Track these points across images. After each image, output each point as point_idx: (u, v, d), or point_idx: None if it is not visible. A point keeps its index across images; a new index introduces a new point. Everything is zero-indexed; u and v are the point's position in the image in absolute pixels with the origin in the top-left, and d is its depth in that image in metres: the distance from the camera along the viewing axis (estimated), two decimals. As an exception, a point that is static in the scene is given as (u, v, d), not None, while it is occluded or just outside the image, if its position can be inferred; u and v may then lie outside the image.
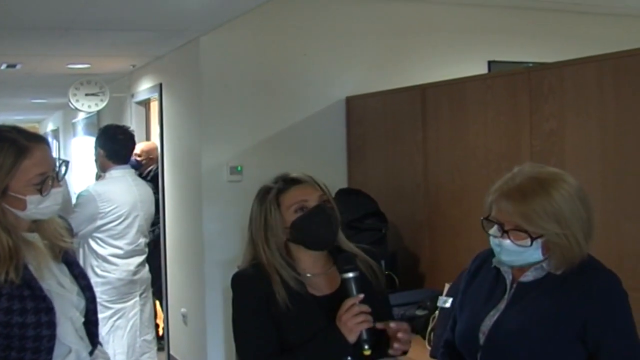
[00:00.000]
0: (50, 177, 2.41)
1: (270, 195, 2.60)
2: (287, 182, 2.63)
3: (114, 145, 5.32)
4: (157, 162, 6.92)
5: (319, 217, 2.60)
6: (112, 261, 5.20)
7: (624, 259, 3.39)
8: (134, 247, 5.30)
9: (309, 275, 2.62)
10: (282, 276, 2.54)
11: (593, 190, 3.23)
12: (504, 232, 2.34)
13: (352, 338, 2.46)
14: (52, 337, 2.33)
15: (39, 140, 2.45)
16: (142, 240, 5.41)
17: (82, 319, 2.52)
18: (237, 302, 2.62)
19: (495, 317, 2.42)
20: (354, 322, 2.46)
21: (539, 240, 2.30)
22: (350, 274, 2.53)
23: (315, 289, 2.60)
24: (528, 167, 2.41)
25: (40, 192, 2.37)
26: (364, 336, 2.47)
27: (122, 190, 5.25)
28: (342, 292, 2.57)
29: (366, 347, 2.48)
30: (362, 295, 2.51)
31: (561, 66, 3.95)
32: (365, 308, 2.49)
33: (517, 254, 2.34)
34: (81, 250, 5.17)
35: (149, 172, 6.93)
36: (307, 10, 5.80)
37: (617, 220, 3.52)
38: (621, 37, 5.76)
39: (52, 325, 2.33)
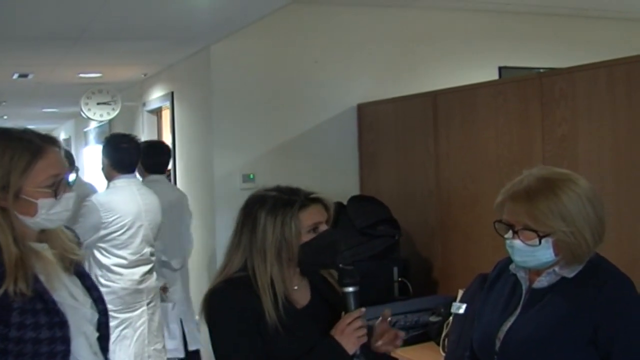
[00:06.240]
0: (64, 180, 2.29)
1: (293, 209, 2.47)
2: (308, 199, 2.52)
3: (118, 154, 5.29)
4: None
5: (333, 242, 2.57)
6: (116, 271, 5.16)
7: (636, 262, 3.37)
8: (138, 256, 5.26)
9: (295, 288, 2.56)
10: (275, 293, 2.43)
11: (605, 195, 3.22)
12: (514, 233, 2.35)
13: (351, 351, 2.45)
14: (67, 353, 2.17)
15: (53, 141, 2.33)
16: (148, 250, 5.36)
17: (97, 334, 2.37)
18: (225, 322, 2.46)
19: (510, 323, 2.42)
20: (356, 335, 2.45)
21: (549, 239, 2.31)
22: (351, 288, 2.51)
23: (297, 302, 2.54)
24: (537, 169, 2.43)
25: (55, 195, 2.25)
26: (357, 351, 2.48)
27: (126, 200, 5.22)
28: (317, 303, 2.58)
29: None
30: (364, 309, 2.50)
31: (572, 71, 3.95)
32: (365, 323, 2.48)
33: (529, 253, 2.35)
34: (86, 263, 5.14)
35: None
36: (317, 18, 5.81)
37: (629, 224, 3.52)
38: (632, 42, 5.76)
39: (66, 340, 2.17)
